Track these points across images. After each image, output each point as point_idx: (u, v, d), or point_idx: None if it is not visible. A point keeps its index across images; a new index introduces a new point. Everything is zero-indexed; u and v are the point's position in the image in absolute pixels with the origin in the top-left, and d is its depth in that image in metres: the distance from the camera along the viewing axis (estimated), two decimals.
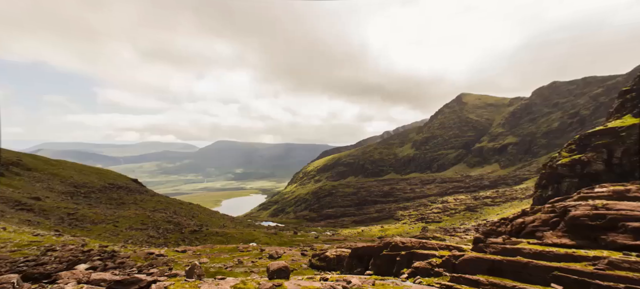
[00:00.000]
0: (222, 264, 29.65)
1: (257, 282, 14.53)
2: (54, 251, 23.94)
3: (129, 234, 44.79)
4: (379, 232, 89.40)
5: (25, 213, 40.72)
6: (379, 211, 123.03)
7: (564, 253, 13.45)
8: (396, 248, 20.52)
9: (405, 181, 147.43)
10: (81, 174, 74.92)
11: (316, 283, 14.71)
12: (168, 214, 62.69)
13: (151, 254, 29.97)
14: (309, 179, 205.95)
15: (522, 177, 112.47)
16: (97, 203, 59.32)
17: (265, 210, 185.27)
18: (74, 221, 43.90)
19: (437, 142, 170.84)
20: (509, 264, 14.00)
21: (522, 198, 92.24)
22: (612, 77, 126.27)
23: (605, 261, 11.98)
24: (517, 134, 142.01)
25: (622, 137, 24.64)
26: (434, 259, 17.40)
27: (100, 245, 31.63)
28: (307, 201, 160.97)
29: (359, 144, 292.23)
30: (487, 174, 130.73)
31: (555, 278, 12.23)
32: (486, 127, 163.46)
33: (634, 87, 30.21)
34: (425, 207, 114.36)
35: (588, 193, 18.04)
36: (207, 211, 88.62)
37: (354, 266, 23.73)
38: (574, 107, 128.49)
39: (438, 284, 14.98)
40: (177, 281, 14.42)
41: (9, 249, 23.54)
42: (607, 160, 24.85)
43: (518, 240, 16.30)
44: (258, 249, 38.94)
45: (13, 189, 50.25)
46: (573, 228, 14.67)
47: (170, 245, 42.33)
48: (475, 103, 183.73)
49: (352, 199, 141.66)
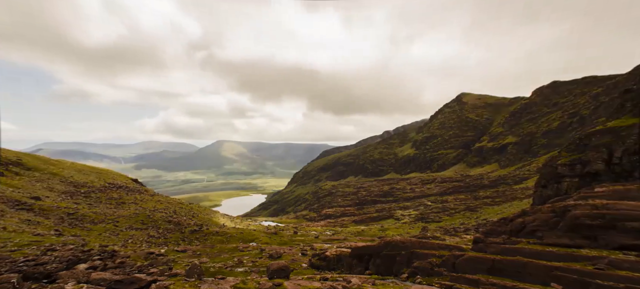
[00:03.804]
0: (222, 263, 29.67)
1: (257, 282, 14.53)
2: (54, 251, 23.93)
3: (129, 233, 44.79)
4: (379, 231, 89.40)
5: (25, 213, 40.70)
6: (379, 211, 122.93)
7: (563, 253, 13.45)
8: (396, 247, 20.52)
9: (405, 180, 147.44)
10: (81, 173, 74.89)
11: (316, 283, 14.72)
12: (168, 213, 62.66)
13: (151, 253, 29.98)
14: (309, 178, 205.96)
15: (522, 177, 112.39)
16: (97, 203, 59.30)
17: (265, 210, 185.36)
18: (74, 221, 43.88)
19: (437, 142, 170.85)
20: (509, 264, 14.01)
21: (522, 198, 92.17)
22: (612, 77, 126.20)
23: (605, 260, 11.99)
24: (517, 134, 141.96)
25: (622, 136, 24.62)
26: (434, 259, 17.39)
27: (100, 245, 31.64)
28: (307, 200, 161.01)
29: (359, 143, 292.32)
30: (487, 174, 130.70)
31: (555, 278, 12.23)
32: (486, 127, 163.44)
33: (635, 87, 30.21)
34: (425, 207, 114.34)
35: (588, 193, 18.04)
36: (207, 211, 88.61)
37: (353, 265, 23.72)
38: (574, 107, 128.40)
39: (438, 284, 14.98)
40: (177, 280, 14.42)
41: (8, 248, 23.53)
42: (607, 160, 24.82)
43: (518, 240, 16.31)
44: (258, 248, 38.94)
45: (13, 189, 50.23)
46: (573, 227, 14.67)
47: (170, 245, 42.33)
48: (475, 103, 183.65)
49: (352, 198, 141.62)
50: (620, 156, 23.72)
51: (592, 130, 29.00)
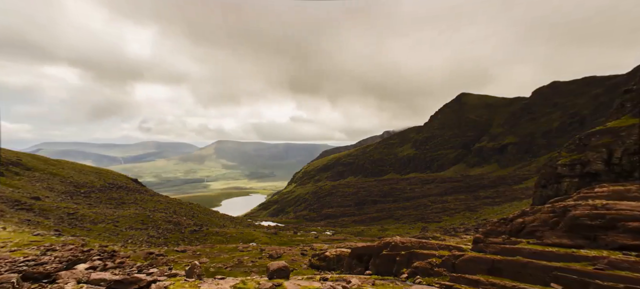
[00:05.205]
0: (222, 264, 29.68)
1: (257, 282, 14.53)
2: (54, 251, 23.92)
3: (128, 234, 44.79)
4: (378, 232, 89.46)
5: (25, 213, 40.70)
6: (379, 211, 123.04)
7: (563, 253, 13.45)
8: (396, 247, 20.52)
9: (405, 180, 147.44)
10: (81, 173, 74.92)
11: (316, 283, 14.72)
12: (168, 214, 62.68)
13: (151, 254, 29.99)
14: (309, 178, 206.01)
15: (522, 177, 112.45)
16: (97, 203, 59.31)
17: (265, 210, 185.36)
18: (74, 221, 43.89)
19: (437, 142, 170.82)
20: (508, 264, 14.00)
21: (522, 198, 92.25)
22: (612, 77, 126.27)
23: (605, 260, 11.98)
24: (517, 134, 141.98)
25: (622, 137, 24.62)
26: (434, 259, 17.39)
27: (100, 245, 31.64)
28: (307, 200, 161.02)
29: (359, 143, 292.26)
30: (487, 174, 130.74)
31: (555, 278, 12.23)
32: (486, 127, 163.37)
33: (635, 87, 30.21)
34: (425, 207, 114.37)
35: (588, 193, 18.02)
36: (207, 211, 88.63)
37: (353, 265, 23.72)
38: (574, 107, 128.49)
39: (438, 284, 14.97)
40: (177, 280, 14.42)
41: (8, 248, 23.52)
42: (607, 160, 24.81)
43: (518, 240, 16.30)
44: (258, 249, 38.96)
45: (13, 189, 50.24)
46: (573, 227, 14.66)
47: (170, 245, 42.34)
48: (475, 103, 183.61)
49: (352, 198, 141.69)
50: (620, 156, 23.71)
51: (592, 130, 28.99)
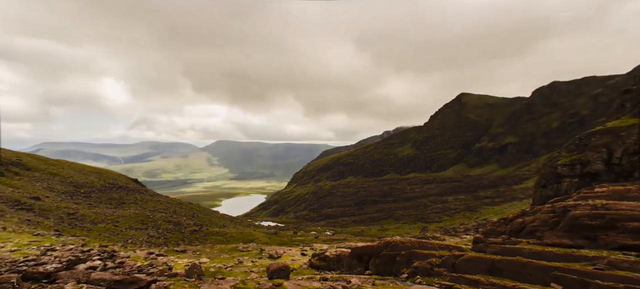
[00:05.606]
0: (222, 264, 29.67)
1: (257, 282, 14.54)
2: (54, 251, 23.93)
3: (128, 234, 44.78)
4: (378, 232, 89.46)
5: (25, 213, 40.69)
6: (379, 211, 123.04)
7: (563, 253, 13.45)
8: (396, 247, 20.51)
9: (405, 180, 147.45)
10: (81, 173, 74.92)
11: (316, 283, 14.73)
12: (168, 214, 62.68)
13: (151, 254, 29.99)
14: (309, 178, 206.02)
15: (522, 177, 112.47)
16: (97, 203, 59.30)
17: (265, 210, 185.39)
18: (74, 221, 43.87)
19: (437, 142, 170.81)
20: (508, 264, 14.00)
21: (522, 198, 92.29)
22: (612, 77, 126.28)
23: (605, 261, 11.99)
24: (517, 134, 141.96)
25: (622, 137, 24.63)
26: (434, 259, 17.38)
27: (100, 245, 31.63)
28: (307, 200, 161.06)
29: (359, 143, 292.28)
30: (487, 174, 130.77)
31: (555, 278, 12.23)
32: (486, 127, 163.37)
33: (634, 87, 30.21)
34: (425, 207, 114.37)
35: (588, 193, 18.03)
36: (207, 211, 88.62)
37: (353, 265, 23.71)
38: (574, 107, 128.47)
39: (438, 284, 14.97)
40: (176, 280, 14.42)
41: (8, 248, 23.52)
42: (607, 160, 24.82)
43: (518, 240, 16.31)
44: (258, 249, 38.96)
45: (13, 189, 50.23)
46: (573, 227, 14.67)
47: (170, 245, 42.33)
48: (475, 103, 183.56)
49: (351, 198, 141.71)
50: (620, 156, 23.72)
51: (592, 130, 29.00)
